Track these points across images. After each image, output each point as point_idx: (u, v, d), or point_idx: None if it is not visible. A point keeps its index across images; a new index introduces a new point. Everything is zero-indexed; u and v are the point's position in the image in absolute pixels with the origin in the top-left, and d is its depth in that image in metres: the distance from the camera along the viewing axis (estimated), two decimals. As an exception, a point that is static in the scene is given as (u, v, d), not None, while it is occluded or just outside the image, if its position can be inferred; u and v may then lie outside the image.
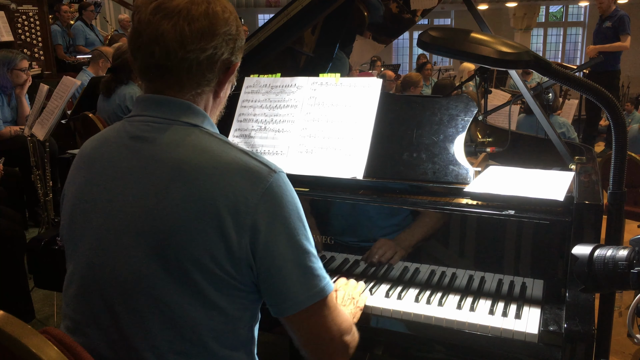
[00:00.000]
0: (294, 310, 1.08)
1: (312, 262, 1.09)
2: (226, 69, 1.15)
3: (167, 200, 1.04)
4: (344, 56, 2.85)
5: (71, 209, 1.15)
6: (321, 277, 1.10)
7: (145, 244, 1.04)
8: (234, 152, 1.08)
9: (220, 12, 1.10)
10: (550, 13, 15.13)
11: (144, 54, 1.08)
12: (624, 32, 6.37)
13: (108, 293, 1.08)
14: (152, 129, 1.10)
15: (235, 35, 1.13)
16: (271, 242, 1.04)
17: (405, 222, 1.61)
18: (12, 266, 2.95)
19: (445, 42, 1.18)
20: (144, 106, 1.13)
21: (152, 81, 1.12)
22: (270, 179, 1.06)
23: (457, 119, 1.75)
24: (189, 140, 1.08)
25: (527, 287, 1.51)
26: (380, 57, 9.04)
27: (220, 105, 1.23)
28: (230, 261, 1.04)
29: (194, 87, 1.12)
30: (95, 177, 1.12)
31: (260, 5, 12.33)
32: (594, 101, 1.16)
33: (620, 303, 3.06)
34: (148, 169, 1.07)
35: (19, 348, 0.91)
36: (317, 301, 1.09)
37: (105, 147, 1.15)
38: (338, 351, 1.15)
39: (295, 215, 1.08)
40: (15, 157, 4.22)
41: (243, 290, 1.08)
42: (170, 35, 1.05)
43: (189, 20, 1.06)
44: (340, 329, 1.14)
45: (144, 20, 1.06)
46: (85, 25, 7.63)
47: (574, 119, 5.79)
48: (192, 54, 1.07)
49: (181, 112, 1.11)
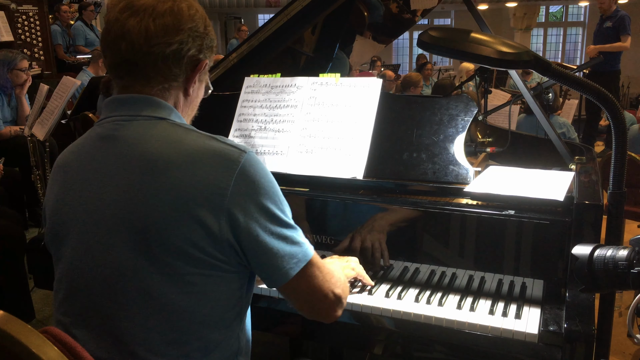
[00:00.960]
0: (285, 279, 1.12)
1: (291, 232, 1.13)
2: (194, 66, 1.17)
3: (141, 194, 1.06)
4: (344, 56, 2.85)
5: (52, 217, 1.17)
6: (301, 243, 1.14)
7: (126, 239, 1.06)
8: (201, 138, 1.10)
9: (186, 9, 1.13)
10: (550, 13, 15.13)
11: (112, 50, 1.12)
12: (625, 32, 6.37)
13: (95, 292, 1.10)
14: (118, 127, 1.12)
15: (203, 33, 1.16)
16: (250, 221, 1.07)
17: (405, 222, 1.61)
18: (12, 266, 2.95)
19: (445, 42, 1.18)
20: (111, 108, 1.16)
21: (121, 77, 1.16)
22: (242, 160, 1.08)
23: (457, 119, 1.75)
24: (155, 132, 1.10)
25: (527, 287, 1.51)
26: (380, 57, 9.04)
27: (192, 104, 1.25)
28: (213, 245, 1.06)
29: (160, 82, 1.14)
30: (70, 182, 1.15)
31: (260, 5, 12.33)
32: (594, 101, 1.16)
33: (620, 303, 3.06)
34: (118, 166, 1.09)
35: (19, 348, 0.91)
36: (303, 266, 1.13)
37: (78, 152, 1.18)
38: (333, 305, 1.20)
39: (271, 191, 1.11)
40: (15, 157, 4.22)
41: (228, 271, 1.11)
42: (136, 30, 1.09)
43: (154, 16, 1.09)
44: (331, 284, 1.19)
45: (112, 19, 1.11)
46: (85, 25, 7.64)
47: (574, 119, 5.79)
48: (157, 48, 1.10)
49: (145, 106, 1.13)
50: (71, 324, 1.13)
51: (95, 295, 1.10)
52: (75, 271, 1.13)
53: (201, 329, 1.11)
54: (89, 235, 1.10)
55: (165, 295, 1.07)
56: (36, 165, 3.87)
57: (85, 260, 1.11)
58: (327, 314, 1.21)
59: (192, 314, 1.09)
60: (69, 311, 1.15)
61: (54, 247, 1.19)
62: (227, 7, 12.49)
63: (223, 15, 13.40)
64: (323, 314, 1.22)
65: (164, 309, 1.08)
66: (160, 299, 1.07)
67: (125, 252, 1.07)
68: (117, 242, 1.07)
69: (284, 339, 2.46)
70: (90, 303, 1.11)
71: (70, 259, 1.14)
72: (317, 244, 1.70)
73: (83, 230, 1.11)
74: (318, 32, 2.63)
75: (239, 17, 13.61)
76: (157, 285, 1.07)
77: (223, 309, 1.14)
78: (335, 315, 1.22)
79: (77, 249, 1.12)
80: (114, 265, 1.08)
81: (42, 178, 3.83)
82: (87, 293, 1.11)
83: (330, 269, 1.22)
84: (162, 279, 1.06)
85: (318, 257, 1.19)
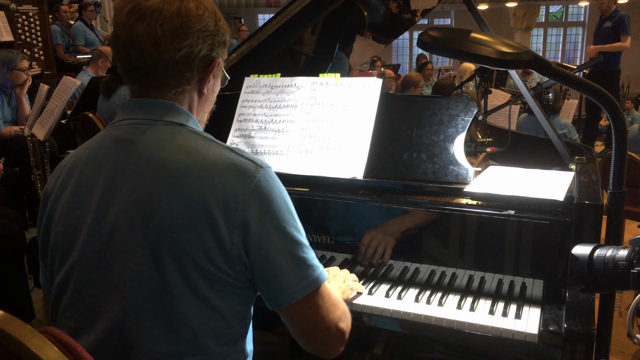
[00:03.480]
0: (289, 301, 1.09)
1: (305, 253, 1.10)
2: (206, 66, 1.14)
3: (155, 202, 1.04)
4: (344, 56, 2.85)
5: (61, 219, 1.14)
6: (314, 266, 1.10)
7: (138, 245, 1.04)
8: (220, 150, 1.09)
9: (194, 9, 1.09)
10: (550, 13, 15.12)
11: (122, 57, 1.10)
12: (624, 32, 6.37)
13: (103, 297, 1.08)
14: (136, 131, 1.10)
15: (214, 30, 1.13)
16: (263, 237, 1.05)
17: (405, 222, 1.61)
18: (12, 266, 2.94)
19: (445, 42, 1.18)
20: (128, 110, 1.14)
21: (134, 83, 1.14)
22: (258, 175, 1.06)
23: (457, 119, 1.75)
24: (174, 140, 1.08)
25: (527, 287, 1.51)
26: (380, 57, 9.04)
27: (208, 102, 1.22)
28: (224, 258, 1.04)
29: (173, 87, 1.12)
30: (83, 185, 1.12)
31: (260, 5, 12.34)
32: (594, 101, 1.16)
33: (620, 303, 3.06)
34: (135, 170, 1.07)
35: (19, 348, 0.91)
36: (311, 291, 1.09)
37: (91, 153, 1.15)
38: (334, 339, 1.15)
39: (284, 209, 1.09)
40: (15, 157, 4.22)
41: (237, 287, 1.09)
42: (144, 37, 1.06)
43: (162, 20, 1.06)
44: (335, 317, 1.14)
45: (120, 23, 1.08)
46: (85, 25, 7.63)
47: (574, 119, 5.79)
48: (167, 54, 1.07)
49: (164, 111, 1.11)
50: (76, 328, 1.11)
51: (104, 301, 1.08)
52: (84, 275, 1.10)
53: (209, 342, 1.09)
54: (101, 240, 1.07)
55: (174, 306, 1.05)
56: (36, 165, 3.87)
57: (95, 265, 1.08)
58: (327, 348, 1.15)
59: (200, 327, 1.07)
60: (74, 316, 1.12)
61: (59, 250, 1.14)
62: (227, 7, 12.50)
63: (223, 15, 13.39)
64: (323, 348, 1.16)
65: (172, 319, 1.06)
66: (169, 309, 1.05)
67: (136, 260, 1.05)
68: (129, 249, 1.05)
69: (284, 339, 2.46)
70: (98, 308, 1.08)
71: (77, 263, 1.10)
72: (317, 244, 1.70)
73: (94, 234, 1.08)
74: (318, 32, 2.63)
75: (239, 17, 13.60)
76: (167, 296, 1.04)
77: (231, 323, 1.12)
78: (336, 351, 1.16)
79: (86, 254, 1.09)
80: (123, 270, 1.05)
81: (42, 178, 3.83)
82: (95, 298, 1.09)
83: (337, 300, 1.17)
84: (172, 288, 1.04)
85: (327, 285, 1.14)
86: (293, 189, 1.71)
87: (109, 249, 1.07)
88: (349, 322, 1.21)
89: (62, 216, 1.14)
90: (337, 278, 1.52)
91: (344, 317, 1.18)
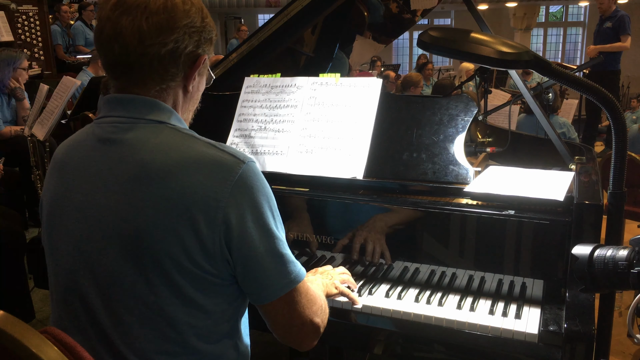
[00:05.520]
0: (272, 297, 1.10)
1: (285, 249, 1.10)
2: (192, 62, 1.11)
3: (136, 202, 1.03)
4: (344, 56, 2.85)
5: (47, 217, 1.15)
6: (294, 262, 1.12)
7: (120, 246, 1.04)
8: (199, 146, 1.07)
9: (180, 4, 1.07)
10: (550, 13, 15.13)
11: (106, 51, 1.07)
12: (625, 32, 6.37)
13: (87, 297, 1.08)
14: (118, 130, 1.09)
15: (200, 27, 1.10)
16: (244, 234, 1.05)
17: (405, 222, 1.61)
18: (12, 266, 2.94)
19: (445, 42, 1.18)
20: (110, 107, 1.12)
21: (117, 78, 1.11)
22: (239, 170, 1.05)
23: (457, 119, 1.75)
24: (154, 139, 1.07)
25: (527, 287, 1.51)
26: (380, 57, 9.04)
27: (193, 100, 1.20)
28: (205, 257, 1.04)
29: (157, 83, 1.10)
30: (67, 182, 1.12)
31: (260, 5, 12.33)
32: (594, 101, 1.16)
33: (620, 303, 3.06)
34: (115, 171, 1.06)
35: (19, 348, 0.91)
36: (293, 288, 1.10)
37: (75, 151, 1.15)
38: (309, 333, 1.17)
39: (266, 205, 1.08)
40: (15, 157, 4.22)
41: (222, 285, 1.09)
42: (128, 31, 1.03)
43: (147, 14, 1.04)
44: (311, 312, 1.15)
45: (104, 17, 1.06)
46: (85, 25, 7.64)
47: (574, 119, 5.79)
48: (152, 49, 1.05)
49: (146, 109, 1.09)
50: (64, 327, 1.11)
51: (88, 301, 1.08)
52: (69, 275, 1.10)
53: (195, 341, 1.09)
54: (83, 240, 1.08)
55: (157, 305, 1.05)
56: (36, 165, 3.87)
57: (79, 265, 1.09)
58: (301, 342, 1.17)
59: (185, 325, 1.07)
60: (61, 315, 1.13)
61: (48, 248, 1.16)
62: (227, 7, 12.50)
63: (223, 15, 13.40)
64: (297, 341, 1.17)
65: (157, 319, 1.06)
66: (153, 308, 1.05)
67: (118, 259, 1.05)
68: (110, 248, 1.05)
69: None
70: (83, 308, 1.09)
71: (63, 262, 1.11)
72: (317, 244, 1.70)
73: (77, 233, 1.09)
74: (318, 32, 2.63)
75: (239, 17, 13.61)
76: (149, 295, 1.04)
77: (218, 321, 1.12)
78: (308, 345, 1.18)
79: (71, 253, 1.10)
80: (107, 272, 1.06)
81: (42, 178, 3.83)
82: (80, 298, 1.09)
83: (314, 295, 1.18)
84: (154, 288, 1.04)
85: (306, 281, 1.15)
86: (293, 189, 1.71)
87: (92, 249, 1.07)
88: (325, 317, 1.22)
89: (45, 216, 1.16)
90: (325, 274, 1.52)
91: (320, 312, 1.19)
